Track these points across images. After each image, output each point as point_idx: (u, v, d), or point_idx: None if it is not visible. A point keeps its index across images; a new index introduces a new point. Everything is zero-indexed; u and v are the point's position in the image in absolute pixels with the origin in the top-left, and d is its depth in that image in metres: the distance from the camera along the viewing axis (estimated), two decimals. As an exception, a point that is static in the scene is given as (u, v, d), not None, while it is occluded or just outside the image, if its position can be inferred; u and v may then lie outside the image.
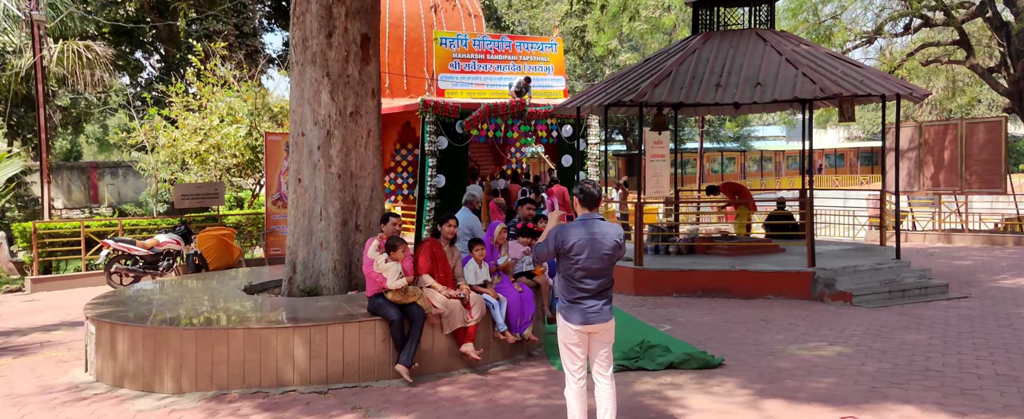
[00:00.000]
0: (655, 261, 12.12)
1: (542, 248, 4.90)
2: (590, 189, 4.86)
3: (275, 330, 5.93)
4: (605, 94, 12.30)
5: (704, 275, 11.28)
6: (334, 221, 7.41)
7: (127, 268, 12.41)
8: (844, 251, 12.93)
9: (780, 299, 10.85)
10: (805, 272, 10.88)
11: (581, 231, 4.79)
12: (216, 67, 16.91)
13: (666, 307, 10.54)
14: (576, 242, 4.76)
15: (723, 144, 49.31)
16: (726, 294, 11.14)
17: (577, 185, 4.91)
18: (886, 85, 11.23)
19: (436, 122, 17.36)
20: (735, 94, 11.06)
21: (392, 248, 6.35)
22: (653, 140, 18.86)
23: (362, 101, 7.49)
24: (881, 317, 9.47)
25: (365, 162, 7.56)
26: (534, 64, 19.68)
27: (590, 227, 4.81)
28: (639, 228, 11.66)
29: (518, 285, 7.28)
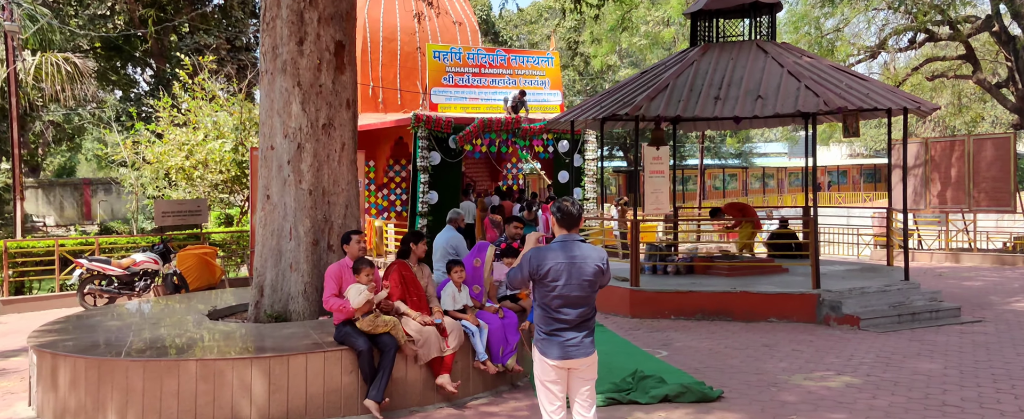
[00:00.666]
0: (652, 282, 11.60)
1: (516, 274, 4.40)
2: (568, 207, 4.35)
3: (231, 361, 5.41)
4: (600, 107, 11.83)
5: (703, 297, 10.75)
6: (305, 241, 6.91)
7: (101, 289, 11.91)
8: (850, 271, 12.39)
9: (783, 323, 10.30)
10: (810, 294, 10.34)
11: (559, 255, 4.28)
12: (204, 81, 16.48)
13: (663, 331, 10.00)
14: (553, 267, 4.25)
15: (725, 160, 48.85)
16: (727, 317, 10.60)
17: (554, 203, 4.42)
18: (892, 99, 10.74)
19: (429, 137, 16.91)
20: (735, 107, 10.58)
21: (356, 271, 5.83)
22: (652, 156, 18.40)
23: (336, 112, 7.00)
24: (891, 343, 8.92)
25: (338, 178, 7.06)
26: (530, 78, 19.24)
27: (569, 250, 4.30)
28: (635, 247, 11.15)
29: (501, 310, 6.76)
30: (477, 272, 6.79)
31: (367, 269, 5.84)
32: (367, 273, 5.82)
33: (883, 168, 57.52)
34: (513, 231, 7.85)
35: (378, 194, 20.27)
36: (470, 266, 6.72)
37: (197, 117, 15.71)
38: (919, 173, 18.34)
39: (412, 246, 6.40)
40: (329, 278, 5.91)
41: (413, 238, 6.43)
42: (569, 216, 4.34)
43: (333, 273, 5.93)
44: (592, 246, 4.39)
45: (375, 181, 20.21)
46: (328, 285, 5.90)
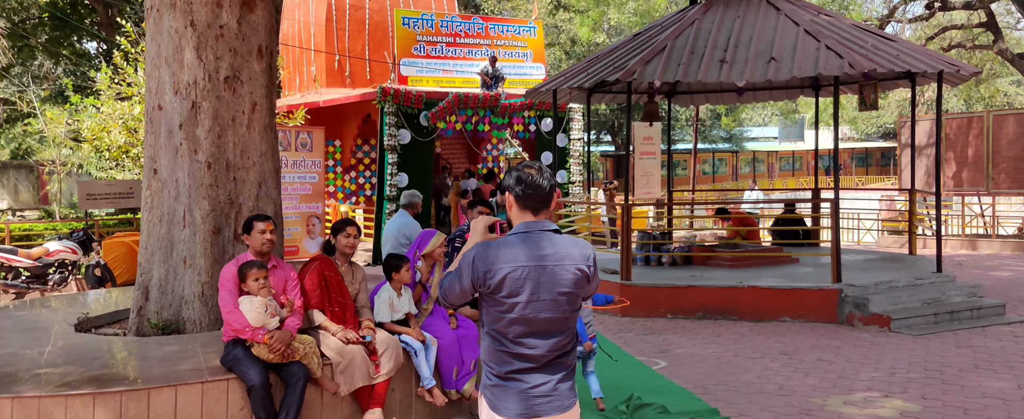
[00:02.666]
0: (646, 274, 10.08)
1: (450, 283, 2.84)
2: (534, 177, 2.78)
3: (64, 398, 3.85)
4: (586, 75, 10.25)
5: (705, 292, 9.25)
6: (202, 228, 5.31)
7: (8, 283, 10.27)
8: (869, 261, 10.93)
9: (799, 323, 8.82)
10: (830, 289, 8.86)
11: (519, 254, 2.71)
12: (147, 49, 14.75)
13: (659, 333, 8.49)
14: (510, 274, 2.69)
15: (715, 144, 47.43)
16: (732, 315, 9.10)
17: (510, 171, 2.85)
18: (927, 61, 9.23)
19: (397, 113, 15.28)
20: (744, 72, 9.03)
21: (241, 276, 4.25)
22: (643, 135, 16.82)
23: (243, 63, 5.39)
24: (934, 350, 7.45)
25: (248, 147, 5.46)
26: (510, 49, 17.62)
27: (536, 247, 2.73)
28: (626, 235, 9.62)
29: (455, 320, 5.21)
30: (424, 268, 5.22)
31: (256, 272, 4.25)
32: (256, 276, 4.24)
33: (875, 152, 56.33)
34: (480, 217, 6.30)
35: (345, 177, 18.64)
36: (413, 262, 5.16)
37: (132, 90, 13.99)
38: (931, 153, 16.91)
39: (334, 240, 4.82)
40: (224, 284, 4.34)
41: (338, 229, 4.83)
42: (535, 192, 2.77)
43: (229, 276, 4.35)
44: (572, 239, 2.84)
45: (342, 163, 18.57)
46: (224, 295, 4.33)
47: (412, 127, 15.44)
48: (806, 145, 54.26)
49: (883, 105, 51.88)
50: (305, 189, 14.21)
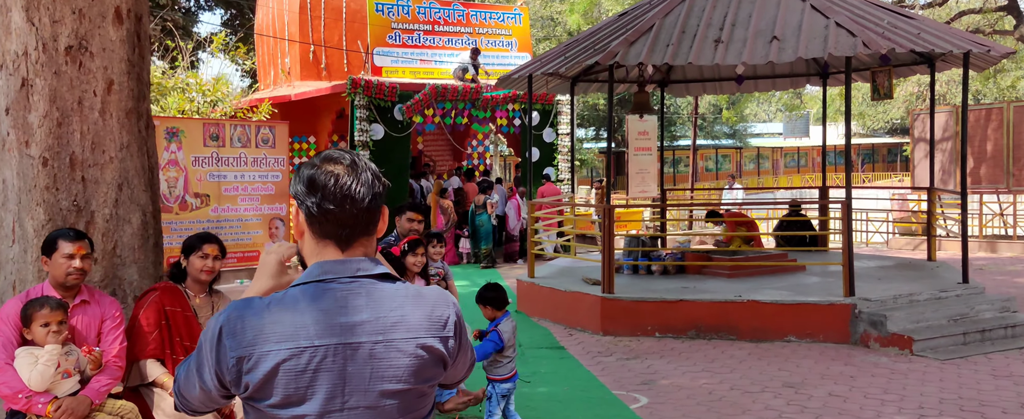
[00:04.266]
0: (632, 285, 8.90)
1: (186, 380, 1.60)
2: (340, 179, 1.56)
3: None
4: (563, 59, 9.06)
5: (698, 307, 8.05)
6: (36, 244, 4.14)
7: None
8: (884, 269, 9.72)
9: (806, 343, 7.62)
10: (841, 304, 7.66)
11: (305, 323, 1.51)
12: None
13: (643, 357, 7.30)
14: (286, 363, 1.49)
15: (718, 140, 46.19)
16: (729, 334, 7.91)
17: (303, 166, 1.63)
18: (952, 40, 8.01)
19: (369, 107, 14.12)
20: (742, 53, 7.83)
21: (26, 319, 3.07)
22: (637, 130, 15.64)
23: (94, 28, 4.21)
24: (967, 379, 6.25)
25: (103, 138, 4.28)
26: (493, 38, 16.43)
27: (337, 309, 1.53)
28: (608, 240, 8.42)
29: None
30: None
31: (45, 314, 3.06)
32: (45, 319, 3.06)
33: (882, 148, 54.99)
34: (407, 225, 5.10)
35: (319, 175, 17.46)
36: None
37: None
38: (947, 147, 15.67)
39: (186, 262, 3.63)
40: (2, 328, 3.16)
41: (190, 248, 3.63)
42: (341, 205, 1.56)
43: (7, 317, 3.17)
44: (414, 290, 1.64)
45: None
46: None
47: (386, 121, 14.28)
48: (812, 141, 52.97)
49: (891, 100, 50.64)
50: (267, 189, 13.05)
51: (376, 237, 1.62)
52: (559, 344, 7.93)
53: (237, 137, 12.66)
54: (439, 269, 5.21)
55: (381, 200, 1.60)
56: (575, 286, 8.92)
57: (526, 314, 9.44)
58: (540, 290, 9.24)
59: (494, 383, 4.71)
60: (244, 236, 13.06)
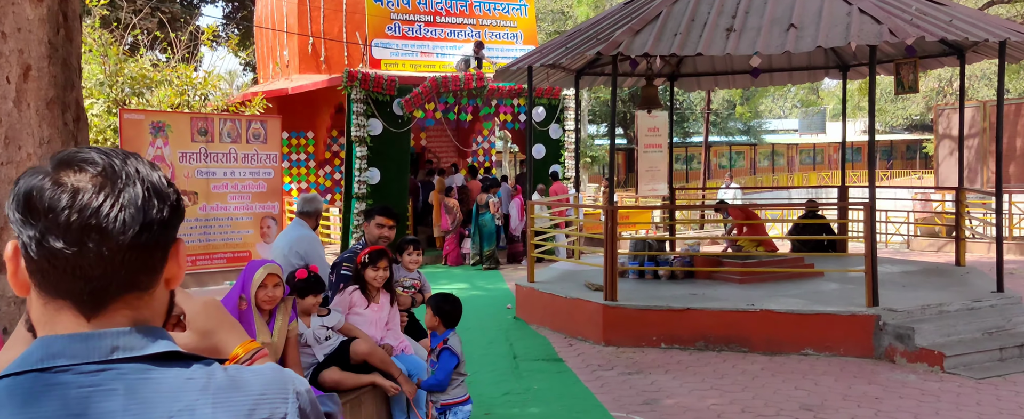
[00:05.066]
0: (637, 291, 8.31)
1: None
2: (64, 200, 0.94)
3: None
4: (564, 49, 8.46)
5: (707, 316, 7.45)
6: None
7: None
8: (908, 275, 9.08)
9: (825, 358, 7.01)
10: (864, 314, 7.04)
11: None
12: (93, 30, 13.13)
13: (646, 372, 6.71)
14: None
15: (732, 137, 45.40)
16: (740, 346, 7.31)
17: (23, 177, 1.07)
18: (987, 27, 7.35)
19: (366, 100, 13.56)
20: (756, 42, 7.21)
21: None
22: (647, 126, 15.04)
23: (6, 5, 3.67)
24: (1007, 402, 5.63)
25: (18, 133, 3.73)
26: (498, 30, 15.85)
27: None
28: (611, 244, 7.82)
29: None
30: (243, 316, 3.41)
31: None
32: None
33: (900, 145, 53.99)
34: (376, 232, 4.54)
35: (318, 172, 16.98)
36: (232, 306, 3.38)
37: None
38: (974, 144, 14.97)
39: None
40: None
41: None
42: (80, 240, 0.94)
43: None
44: (226, 378, 1.00)
45: (315, 157, 16.91)
46: None
47: (384, 116, 13.73)
48: (828, 137, 52.05)
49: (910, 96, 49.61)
50: (259, 186, 12.53)
51: (162, 289, 1.03)
52: (557, 356, 7.36)
53: (227, 132, 12.14)
54: (415, 280, 4.65)
55: (164, 232, 1.00)
56: (576, 292, 8.34)
57: (525, 321, 8.87)
58: (539, 296, 8.67)
59: (452, 409, 4.10)
60: (234, 236, 12.56)
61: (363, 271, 4.04)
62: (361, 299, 4.04)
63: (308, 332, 3.75)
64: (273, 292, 3.42)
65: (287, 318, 3.52)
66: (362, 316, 3.99)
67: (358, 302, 4.02)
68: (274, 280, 3.44)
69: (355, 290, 4.06)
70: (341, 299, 4.02)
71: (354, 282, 4.09)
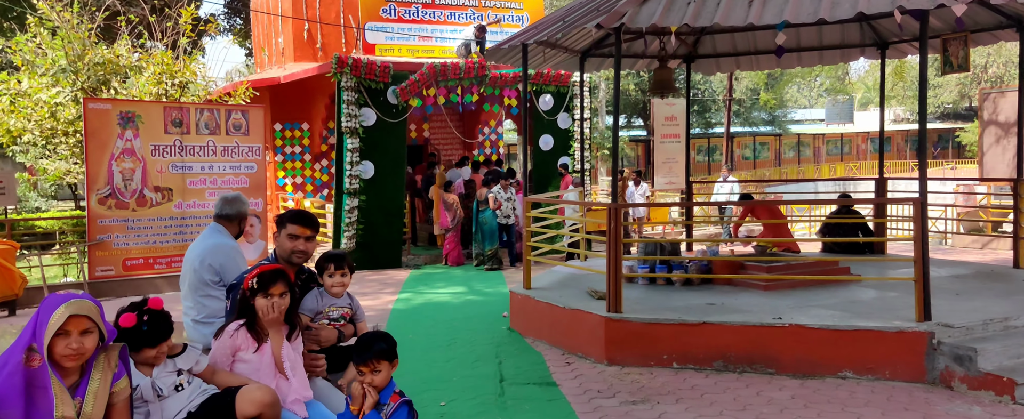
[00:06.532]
0: (647, 300, 7.24)
1: None
2: None
3: None
4: (562, 23, 7.38)
5: (727, 332, 6.37)
6: None
7: None
8: (959, 279, 7.93)
9: (867, 382, 5.92)
10: (913, 331, 5.93)
11: None
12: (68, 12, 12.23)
13: (654, 400, 5.66)
14: None
15: (756, 127, 43.97)
16: (766, 367, 6.23)
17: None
18: (1061, -10, 6.17)
19: (358, 88, 12.59)
20: (784, 9, 6.10)
21: None
22: (664, 115, 13.95)
23: None
24: (1101, 451, 4.52)
25: None
26: (502, 12, 14.79)
27: None
28: (616, 247, 6.75)
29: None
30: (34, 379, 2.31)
31: None
32: None
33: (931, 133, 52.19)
34: (288, 245, 3.51)
35: (314, 166, 16.04)
36: (15, 364, 2.32)
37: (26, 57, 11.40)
38: (1022, 132, 13.69)
39: None
40: None
41: None
42: None
43: None
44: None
45: (310, 149, 15.97)
46: None
47: (378, 105, 12.75)
48: (856, 127, 50.44)
49: (941, 83, 47.72)
50: (240, 182, 11.63)
51: None
52: (550, 378, 6.32)
53: (204, 123, 11.23)
54: (344, 308, 3.60)
55: None
56: (577, 301, 7.28)
57: (520, 333, 7.85)
58: (535, 305, 7.63)
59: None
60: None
61: (252, 300, 3.03)
62: (247, 340, 3.03)
63: (145, 383, 2.75)
64: (79, 343, 2.40)
65: (109, 376, 2.50)
66: (247, 363, 2.97)
67: (244, 344, 3.01)
68: (81, 325, 2.42)
69: (240, 327, 3.04)
70: (221, 343, 3.00)
71: (241, 315, 3.07)
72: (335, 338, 3.54)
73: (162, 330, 2.79)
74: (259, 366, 2.98)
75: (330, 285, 3.54)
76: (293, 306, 3.13)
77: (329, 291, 3.56)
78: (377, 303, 9.96)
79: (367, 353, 3.00)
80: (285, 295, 3.07)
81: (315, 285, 3.65)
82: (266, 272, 3.08)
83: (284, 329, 3.12)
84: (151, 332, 2.76)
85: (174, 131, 10.93)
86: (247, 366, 2.96)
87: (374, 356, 3.00)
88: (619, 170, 17.09)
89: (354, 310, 3.67)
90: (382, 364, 3.01)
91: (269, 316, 3.02)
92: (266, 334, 3.05)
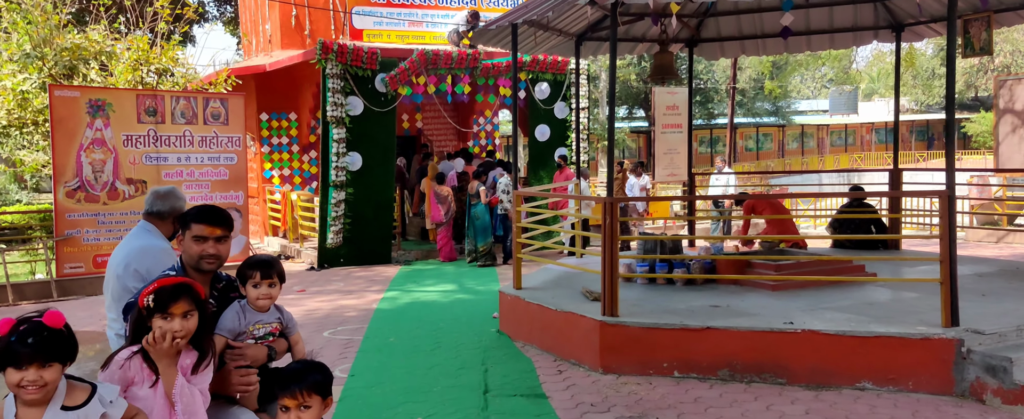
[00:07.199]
0: (646, 301, 6.68)
1: None
2: None
3: None
4: (549, 1, 6.79)
5: (733, 338, 5.81)
6: None
7: None
8: (983, 278, 7.37)
9: (888, 393, 5.36)
10: (940, 338, 5.36)
11: None
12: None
13: (651, 416, 5.11)
14: None
15: (759, 118, 43.30)
16: (777, 377, 5.67)
17: None
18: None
19: (344, 76, 12.00)
20: (797, -18, 5.51)
21: None
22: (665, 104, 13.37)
23: None
24: None
25: None
26: (496, -3, 14.18)
27: None
28: (612, 246, 6.18)
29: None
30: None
31: None
32: None
33: (937, 124, 51.50)
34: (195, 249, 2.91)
35: (302, 157, 15.48)
36: None
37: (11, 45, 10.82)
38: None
39: None
40: None
41: None
42: None
43: None
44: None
45: (298, 141, 15.40)
46: None
47: (365, 94, 12.17)
48: (860, 118, 49.80)
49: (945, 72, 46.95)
50: (219, 174, 11.08)
51: None
52: (540, 389, 5.76)
53: (180, 112, 10.66)
54: (272, 323, 3.02)
55: None
56: (571, 302, 6.72)
57: (509, 337, 7.29)
58: (526, 307, 7.06)
59: None
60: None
61: (149, 321, 2.47)
62: (143, 371, 2.46)
63: None
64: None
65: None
66: (141, 401, 2.40)
67: (139, 377, 2.45)
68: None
69: (134, 355, 2.48)
70: (108, 375, 2.43)
71: (136, 339, 2.50)
72: (265, 356, 2.96)
73: (47, 351, 2.20)
74: (153, 405, 2.41)
75: (255, 297, 2.95)
76: (204, 327, 2.56)
77: (253, 305, 2.97)
78: (361, 302, 9.41)
79: (297, 382, 2.44)
80: (190, 316, 2.50)
81: (236, 296, 3.06)
82: (166, 287, 2.51)
83: (189, 357, 2.54)
84: (27, 349, 2.17)
85: (148, 120, 10.37)
86: (141, 404, 2.40)
87: (306, 387, 2.43)
88: (619, 162, 16.48)
89: (285, 324, 3.08)
90: (313, 399, 2.44)
91: (160, 345, 2.44)
92: (165, 363, 2.48)
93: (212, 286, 3.05)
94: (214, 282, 3.06)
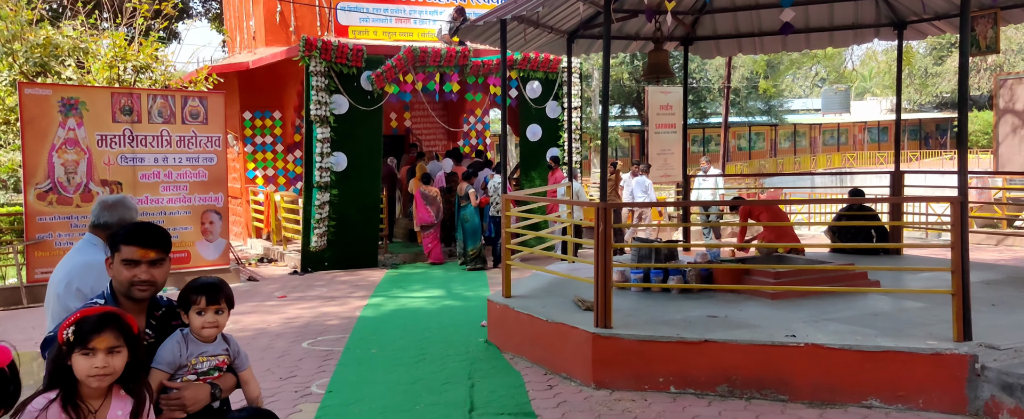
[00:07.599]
0: (640, 311, 6.36)
1: None
2: None
3: None
4: (543, -5, 6.45)
5: (732, 352, 5.49)
6: None
7: None
8: (992, 286, 7.09)
9: (897, 412, 5.06)
10: (951, 353, 5.06)
11: None
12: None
13: (649, 438, 4.79)
14: None
15: (751, 117, 43.08)
16: (778, 393, 5.36)
17: None
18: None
19: (328, 73, 11.65)
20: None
21: None
22: (659, 103, 13.11)
23: None
24: None
25: None
26: (486, -8, 13.85)
27: None
28: (605, 254, 5.85)
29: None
30: None
31: None
32: None
33: (929, 124, 51.46)
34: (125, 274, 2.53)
35: (287, 157, 15.10)
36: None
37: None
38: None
39: None
40: None
41: None
42: None
43: None
44: None
45: (283, 140, 15.02)
46: None
47: (350, 92, 11.81)
48: (852, 117, 49.67)
49: (940, 72, 46.90)
50: (198, 175, 10.70)
51: None
52: (529, 407, 5.43)
53: (157, 110, 10.28)
54: (220, 357, 2.64)
55: None
56: (562, 312, 6.40)
57: (498, 348, 6.96)
58: (515, 317, 6.74)
59: None
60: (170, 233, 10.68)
61: (69, 359, 2.12)
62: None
63: None
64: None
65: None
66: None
67: None
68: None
69: (52, 403, 2.13)
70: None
71: (53, 383, 2.15)
72: (207, 396, 2.59)
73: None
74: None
75: (199, 326, 2.59)
76: (138, 367, 2.20)
77: (197, 334, 2.61)
78: (344, 309, 9.06)
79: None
80: (115, 352, 2.15)
81: (178, 324, 2.70)
82: (89, 317, 2.16)
83: (122, 405, 2.19)
84: None
85: (123, 119, 9.99)
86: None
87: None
88: (612, 162, 16.16)
89: (234, 356, 2.72)
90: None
91: (92, 384, 2.10)
92: (92, 411, 2.14)
93: (149, 313, 2.70)
94: (152, 308, 2.71)
